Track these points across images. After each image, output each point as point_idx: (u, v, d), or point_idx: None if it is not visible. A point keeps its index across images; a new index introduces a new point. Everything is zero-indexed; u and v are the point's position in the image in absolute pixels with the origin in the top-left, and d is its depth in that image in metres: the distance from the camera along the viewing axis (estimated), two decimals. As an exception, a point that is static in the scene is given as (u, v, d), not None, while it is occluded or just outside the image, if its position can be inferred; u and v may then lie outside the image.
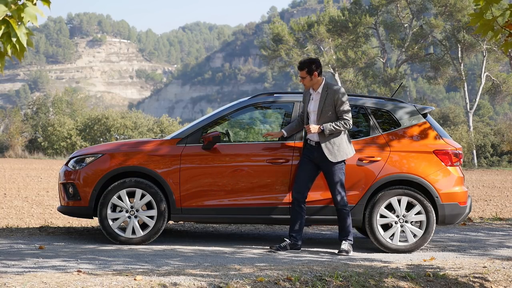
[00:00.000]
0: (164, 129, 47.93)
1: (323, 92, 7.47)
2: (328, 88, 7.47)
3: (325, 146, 7.40)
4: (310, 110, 7.54)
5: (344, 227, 7.51)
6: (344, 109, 7.40)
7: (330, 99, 7.43)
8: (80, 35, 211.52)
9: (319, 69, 7.52)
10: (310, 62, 7.51)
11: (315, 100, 7.51)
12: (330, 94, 7.43)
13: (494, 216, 12.32)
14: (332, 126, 7.37)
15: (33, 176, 25.41)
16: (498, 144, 43.52)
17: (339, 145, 7.44)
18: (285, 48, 52.03)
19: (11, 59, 4.26)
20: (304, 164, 7.53)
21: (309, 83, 7.53)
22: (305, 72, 7.49)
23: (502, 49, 8.29)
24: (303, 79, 7.53)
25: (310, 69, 7.47)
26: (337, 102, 7.41)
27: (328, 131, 7.37)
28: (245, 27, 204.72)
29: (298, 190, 7.50)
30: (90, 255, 6.97)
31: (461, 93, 71.38)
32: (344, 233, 7.53)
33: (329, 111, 7.43)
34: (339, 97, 7.40)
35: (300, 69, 7.54)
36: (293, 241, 7.55)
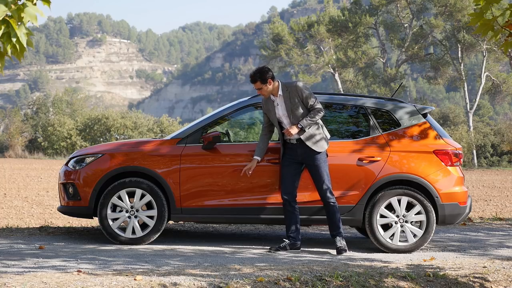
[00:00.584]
0: (164, 129, 47.93)
1: (284, 93, 7.44)
2: (287, 87, 7.44)
3: (308, 140, 7.41)
4: (280, 116, 7.50)
5: (335, 222, 7.49)
6: (312, 100, 7.39)
7: (294, 97, 7.41)
8: (80, 35, 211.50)
9: (270, 74, 7.44)
10: (260, 71, 7.43)
11: (280, 105, 7.48)
12: (292, 93, 7.41)
13: (494, 216, 12.31)
14: (308, 120, 7.37)
15: (33, 176, 25.41)
16: (498, 144, 43.51)
17: (320, 134, 7.46)
18: (285, 48, 52.02)
19: (11, 59, 4.26)
20: (287, 165, 7.53)
21: (267, 91, 7.47)
22: (259, 83, 7.43)
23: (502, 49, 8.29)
24: (260, 90, 7.48)
25: (262, 78, 7.41)
26: (302, 96, 7.39)
27: (307, 126, 7.37)
28: (245, 27, 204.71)
29: (287, 191, 7.50)
30: (90, 255, 6.97)
31: (461, 93, 71.41)
32: (335, 227, 7.51)
33: (299, 107, 7.42)
34: (302, 91, 7.39)
35: (253, 82, 7.47)
36: (292, 241, 7.55)
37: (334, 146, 7.81)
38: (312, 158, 7.44)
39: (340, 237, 7.52)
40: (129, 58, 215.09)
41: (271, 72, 7.48)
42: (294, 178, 7.53)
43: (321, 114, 7.40)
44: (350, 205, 7.70)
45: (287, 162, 7.54)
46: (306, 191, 7.70)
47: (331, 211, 7.48)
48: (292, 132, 7.37)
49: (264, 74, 7.40)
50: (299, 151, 7.48)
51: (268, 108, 7.54)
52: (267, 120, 7.60)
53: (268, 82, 7.42)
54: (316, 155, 7.44)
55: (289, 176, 7.51)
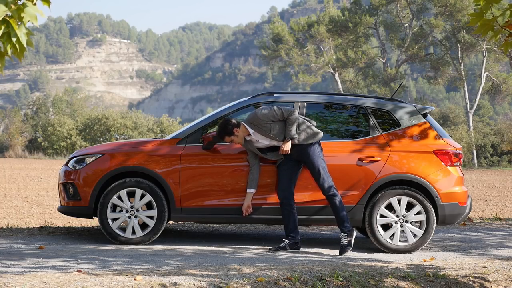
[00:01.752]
0: (164, 129, 47.93)
1: (254, 128, 7.45)
2: (252, 122, 7.44)
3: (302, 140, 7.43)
4: (267, 145, 7.52)
5: (338, 215, 7.49)
6: (279, 113, 7.38)
7: (264, 125, 7.42)
8: (80, 35, 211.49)
9: (232, 123, 7.44)
10: (223, 128, 7.45)
11: (260, 139, 7.49)
12: (259, 124, 7.41)
13: (494, 216, 12.31)
14: (290, 129, 7.39)
15: (33, 176, 25.41)
16: (498, 144, 43.51)
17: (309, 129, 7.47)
18: (285, 48, 52.00)
19: (11, 59, 4.26)
20: (284, 164, 7.56)
21: (239, 139, 7.51)
22: (228, 137, 7.49)
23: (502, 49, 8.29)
24: (231, 142, 7.53)
25: (228, 132, 7.45)
26: (269, 118, 7.40)
27: (295, 135, 7.40)
28: (245, 27, 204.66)
29: (283, 189, 7.52)
30: (90, 255, 6.97)
31: (461, 93, 71.42)
32: (340, 221, 7.50)
33: (274, 128, 7.43)
34: (266, 116, 7.39)
35: (222, 139, 7.53)
36: (292, 241, 7.55)
37: (334, 146, 7.81)
38: (305, 153, 7.45)
39: (345, 233, 7.49)
40: (129, 58, 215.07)
41: (230, 121, 7.47)
42: (290, 177, 7.53)
43: (293, 115, 7.39)
44: (350, 205, 7.69)
45: (283, 162, 7.56)
46: (306, 191, 7.70)
47: (333, 205, 7.47)
48: (287, 149, 7.43)
49: (226, 129, 7.45)
50: (292, 150, 7.50)
51: (250, 147, 7.56)
52: (252, 154, 7.59)
53: (235, 132, 7.46)
54: (307, 150, 7.44)
55: (286, 175, 7.53)
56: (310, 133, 7.47)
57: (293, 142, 7.45)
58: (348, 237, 7.48)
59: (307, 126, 7.50)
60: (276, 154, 7.58)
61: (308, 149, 7.46)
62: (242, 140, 7.53)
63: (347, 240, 7.48)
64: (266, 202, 7.70)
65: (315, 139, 7.48)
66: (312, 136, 7.47)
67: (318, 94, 8.25)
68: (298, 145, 7.47)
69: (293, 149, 7.48)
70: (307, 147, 7.45)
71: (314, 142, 7.48)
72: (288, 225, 7.56)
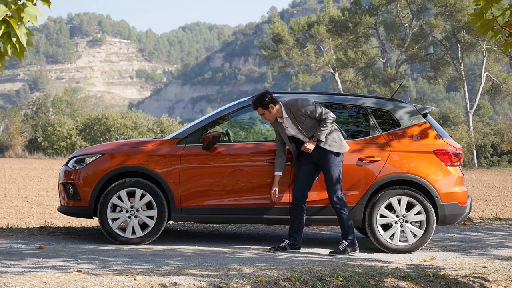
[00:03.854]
0: (164, 129, 47.94)
1: (288, 114, 7.43)
2: (289, 107, 7.41)
3: (327, 145, 7.40)
4: (293, 135, 7.50)
5: (343, 227, 7.50)
6: (319, 112, 7.35)
7: (299, 116, 7.39)
8: (80, 35, 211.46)
9: (270, 98, 7.41)
10: (260, 98, 7.42)
11: (289, 126, 7.47)
12: (295, 113, 7.39)
13: (494, 216, 12.31)
14: (322, 130, 7.35)
15: (33, 176, 25.41)
16: (498, 144, 43.51)
17: (338, 138, 7.44)
18: (285, 48, 52.01)
19: (11, 59, 4.26)
20: (302, 165, 7.54)
21: (271, 116, 7.46)
22: (261, 109, 7.44)
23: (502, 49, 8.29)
24: (263, 115, 7.49)
25: (263, 104, 7.41)
26: (307, 113, 7.37)
27: (322, 137, 7.37)
28: (245, 27, 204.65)
29: (297, 190, 7.51)
30: (90, 255, 6.97)
31: (461, 93, 71.43)
32: (343, 233, 7.53)
33: (307, 123, 7.41)
34: (305, 108, 7.35)
35: (255, 109, 7.51)
36: (292, 241, 7.55)
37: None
38: (325, 158, 7.43)
39: (346, 241, 7.48)
40: (129, 58, 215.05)
41: (270, 96, 7.42)
42: (307, 179, 7.52)
43: (330, 120, 7.36)
44: (350, 205, 7.69)
45: (303, 162, 7.54)
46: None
47: (339, 218, 7.47)
48: (310, 148, 7.39)
49: (262, 100, 7.39)
50: (314, 151, 7.48)
51: (278, 129, 7.54)
52: (280, 138, 7.58)
53: (270, 107, 7.40)
54: (328, 156, 7.41)
55: (303, 176, 7.52)
56: (338, 142, 7.43)
57: (318, 144, 7.43)
58: (348, 247, 7.47)
59: (338, 135, 7.46)
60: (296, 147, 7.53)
61: (329, 155, 7.42)
62: (273, 119, 7.48)
63: (344, 247, 7.47)
64: (266, 202, 7.70)
65: (339, 150, 7.44)
66: (338, 146, 7.44)
67: (318, 94, 8.25)
68: (322, 149, 7.43)
69: (316, 150, 7.44)
70: (329, 153, 7.42)
71: (337, 151, 7.45)
72: (293, 225, 7.55)
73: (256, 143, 7.88)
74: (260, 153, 7.76)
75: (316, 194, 7.68)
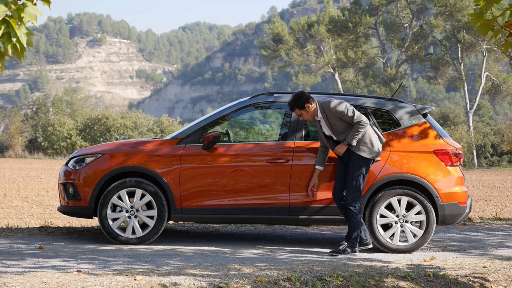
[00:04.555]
0: (164, 129, 47.93)
1: (322, 115, 7.43)
2: (324, 108, 7.41)
3: (357, 149, 7.38)
4: (327, 135, 7.51)
5: (350, 228, 7.49)
6: (350, 115, 7.32)
7: (332, 118, 7.38)
8: (80, 35, 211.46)
9: (305, 98, 7.40)
10: (295, 99, 7.41)
11: (323, 125, 7.47)
12: (328, 114, 7.38)
13: (494, 216, 12.31)
14: (353, 135, 7.33)
15: (33, 176, 25.41)
16: (498, 144, 43.51)
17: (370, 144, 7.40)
18: (285, 48, 52.01)
19: (11, 59, 4.26)
20: (338, 169, 7.55)
21: (309, 115, 7.46)
22: (298, 110, 7.44)
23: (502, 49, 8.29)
24: (300, 116, 7.49)
25: (299, 105, 7.40)
26: (338, 115, 7.35)
27: (353, 142, 7.35)
28: (245, 27, 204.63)
29: (334, 192, 7.53)
30: (90, 255, 6.97)
31: (461, 93, 71.43)
32: (348, 234, 7.52)
33: (339, 125, 7.39)
34: (337, 111, 7.33)
35: (292, 110, 7.50)
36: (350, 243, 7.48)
37: (334, 146, 7.81)
38: (353, 160, 7.41)
39: (347, 243, 7.46)
40: (129, 58, 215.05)
41: (305, 96, 7.41)
42: (342, 181, 7.51)
43: (363, 125, 7.32)
44: (350, 205, 7.68)
45: (338, 164, 7.56)
46: (305, 191, 7.69)
47: (349, 219, 7.46)
48: (341, 151, 7.40)
49: (298, 101, 7.38)
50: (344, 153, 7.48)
51: (317, 127, 7.55)
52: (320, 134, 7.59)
53: (306, 107, 7.39)
54: (355, 157, 7.39)
55: (338, 177, 7.53)
56: (369, 147, 7.40)
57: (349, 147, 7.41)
58: (348, 248, 7.46)
59: (371, 140, 7.41)
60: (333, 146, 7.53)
61: (357, 157, 7.40)
62: (311, 118, 7.48)
63: (344, 248, 7.46)
64: (266, 202, 7.70)
65: (368, 155, 7.41)
66: (369, 152, 7.41)
67: (318, 94, 8.24)
68: (351, 150, 7.42)
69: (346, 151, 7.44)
70: (358, 156, 7.40)
71: (366, 157, 7.42)
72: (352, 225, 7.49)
73: (256, 143, 7.88)
74: (260, 153, 7.76)
75: (317, 194, 7.68)
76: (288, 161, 7.70)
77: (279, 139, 7.93)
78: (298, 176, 7.69)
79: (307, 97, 7.41)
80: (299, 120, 7.87)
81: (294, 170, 7.69)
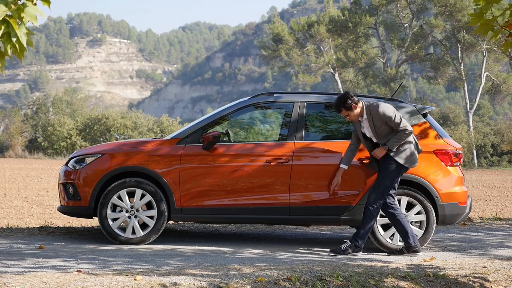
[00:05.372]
0: (164, 129, 47.94)
1: (368, 116, 7.39)
2: (371, 110, 7.38)
3: (395, 155, 7.35)
4: (368, 136, 7.49)
5: (360, 229, 7.46)
6: (396, 122, 7.28)
7: (377, 120, 7.35)
8: (80, 35, 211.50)
9: (352, 100, 7.36)
10: (343, 101, 7.37)
11: (366, 127, 7.45)
12: (375, 116, 7.35)
13: (494, 216, 12.32)
14: (395, 141, 7.30)
15: (33, 176, 25.41)
16: (498, 144, 43.52)
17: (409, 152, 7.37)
18: (285, 48, 52.01)
19: (11, 59, 4.26)
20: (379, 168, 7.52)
21: (355, 116, 7.43)
22: (345, 111, 7.40)
23: (502, 49, 8.30)
24: (347, 116, 7.46)
25: (346, 107, 7.36)
26: (385, 120, 7.31)
27: (393, 148, 7.33)
28: (245, 27, 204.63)
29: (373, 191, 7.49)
30: (90, 255, 6.97)
31: (461, 93, 71.44)
32: (356, 233, 7.49)
33: (383, 129, 7.36)
34: (385, 115, 7.29)
35: (338, 112, 7.46)
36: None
37: (334, 146, 7.81)
38: (386, 163, 7.39)
39: (351, 243, 7.44)
40: (129, 58, 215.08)
41: (352, 97, 7.37)
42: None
43: (406, 134, 7.29)
44: (350, 205, 7.69)
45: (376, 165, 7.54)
46: (305, 191, 7.69)
47: (364, 217, 7.44)
48: (380, 155, 7.38)
49: (345, 103, 7.34)
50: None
51: (357, 127, 7.53)
52: (356, 133, 7.56)
53: (353, 107, 7.37)
54: (391, 161, 7.35)
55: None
56: (407, 156, 7.37)
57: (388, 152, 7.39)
58: (350, 248, 7.45)
59: (411, 150, 7.38)
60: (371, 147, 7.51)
61: (391, 162, 7.37)
62: (356, 118, 7.46)
63: (346, 247, 7.45)
64: (266, 202, 7.70)
65: (404, 163, 7.37)
66: (406, 160, 7.37)
67: (318, 94, 8.24)
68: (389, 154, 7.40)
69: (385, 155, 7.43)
70: (394, 161, 7.37)
71: (402, 164, 7.37)
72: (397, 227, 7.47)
73: (256, 143, 7.88)
74: (260, 153, 7.75)
75: (317, 194, 7.68)
76: (288, 161, 7.70)
77: (279, 139, 7.93)
78: (298, 176, 7.69)
79: (353, 98, 7.39)
80: (299, 120, 7.86)
81: (294, 170, 7.69)
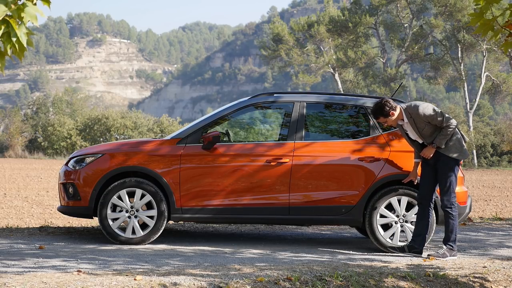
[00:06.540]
0: (164, 129, 47.94)
1: (409, 119, 7.35)
2: (411, 113, 7.32)
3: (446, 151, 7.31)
4: (413, 139, 7.46)
5: (447, 231, 7.42)
6: (439, 120, 7.22)
7: (419, 122, 7.30)
8: (80, 35, 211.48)
9: (390, 106, 7.30)
10: (380, 108, 7.32)
11: (409, 130, 7.42)
12: (416, 118, 7.30)
13: (494, 216, 12.32)
14: (442, 138, 7.25)
15: (33, 176, 25.41)
16: (498, 144, 43.53)
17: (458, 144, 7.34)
18: (285, 48, 52.01)
19: (11, 59, 4.26)
20: (423, 168, 7.48)
21: (393, 122, 7.40)
22: (382, 118, 7.37)
23: (502, 49, 8.30)
24: (385, 123, 7.44)
25: (384, 113, 7.32)
26: (427, 120, 7.26)
27: (442, 145, 7.28)
28: (245, 27, 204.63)
29: (420, 194, 7.45)
30: (90, 255, 6.97)
31: (461, 93, 71.41)
32: (445, 237, 7.44)
33: (427, 129, 7.32)
34: (426, 115, 7.23)
35: (376, 119, 7.44)
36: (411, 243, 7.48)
37: (334, 146, 7.81)
38: (443, 162, 7.35)
39: (446, 247, 7.37)
40: (129, 58, 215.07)
41: (389, 104, 7.31)
42: (428, 182, 7.41)
43: (451, 128, 7.24)
44: (350, 205, 7.69)
45: (422, 168, 7.50)
46: (305, 191, 7.69)
47: (445, 219, 7.41)
48: (429, 154, 7.33)
49: (383, 110, 7.30)
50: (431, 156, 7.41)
51: (400, 131, 7.51)
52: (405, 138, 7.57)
53: (391, 114, 7.32)
54: (445, 159, 7.32)
55: (423, 179, 7.45)
56: (458, 148, 7.33)
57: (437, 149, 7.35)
58: (447, 251, 7.35)
59: (459, 141, 7.36)
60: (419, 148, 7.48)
61: (446, 159, 7.33)
62: (395, 124, 7.44)
63: (444, 252, 7.35)
64: (266, 202, 7.70)
65: (458, 156, 7.34)
66: (457, 152, 7.33)
67: (318, 94, 8.24)
68: (440, 153, 7.36)
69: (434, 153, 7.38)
70: (447, 158, 7.33)
71: (455, 158, 7.34)
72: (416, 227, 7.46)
73: (256, 143, 7.88)
74: (260, 153, 7.75)
75: (317, 194, 7.68)
76: (288, 161, 7.70)
77: (279, 139, 7.93)
78: (298, 176, 7.69)
79: (391, 105, 7.33)
80: (299, 120, 7.87)
81: (294, 170, 7.68)
